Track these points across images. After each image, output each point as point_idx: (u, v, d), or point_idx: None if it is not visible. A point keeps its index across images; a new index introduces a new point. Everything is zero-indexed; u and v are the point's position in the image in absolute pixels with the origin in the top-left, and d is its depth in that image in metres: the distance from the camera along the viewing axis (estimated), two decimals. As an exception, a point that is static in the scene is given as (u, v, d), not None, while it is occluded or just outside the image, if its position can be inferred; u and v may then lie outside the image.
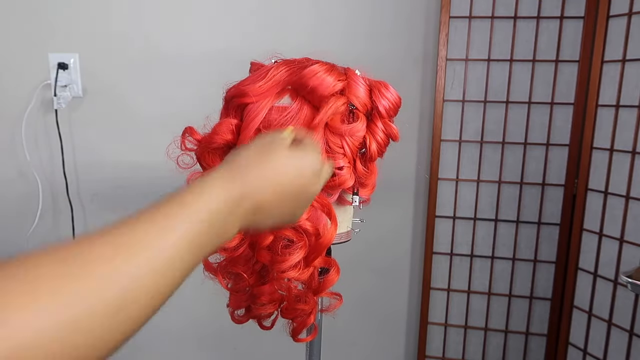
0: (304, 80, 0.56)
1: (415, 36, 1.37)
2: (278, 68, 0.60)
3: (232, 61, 1.33)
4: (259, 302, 0.62)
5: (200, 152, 0.62)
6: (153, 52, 1.41)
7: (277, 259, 0.57)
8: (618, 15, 1.17)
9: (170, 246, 0.31)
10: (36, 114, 1.45)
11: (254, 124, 0.58)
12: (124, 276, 0.28)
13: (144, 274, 0.29)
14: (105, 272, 0.28)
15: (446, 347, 1.49)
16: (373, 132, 0.60)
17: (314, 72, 0.56)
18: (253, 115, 0.59)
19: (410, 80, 1.40)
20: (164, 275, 0.30)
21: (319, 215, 0.59)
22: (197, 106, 0.83)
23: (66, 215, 1.49)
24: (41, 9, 1.41)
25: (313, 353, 0.75)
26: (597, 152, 1.25)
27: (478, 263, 1.42)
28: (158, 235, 0.31)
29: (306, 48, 0.97)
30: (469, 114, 1.34)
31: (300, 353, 0.80)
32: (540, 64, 1.28)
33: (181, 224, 0.32)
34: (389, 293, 1.55)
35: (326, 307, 0.69)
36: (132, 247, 0.30)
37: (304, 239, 0.57)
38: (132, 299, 0.28)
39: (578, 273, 1.32)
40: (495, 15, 1.27)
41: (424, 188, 1.45)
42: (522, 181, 1.34)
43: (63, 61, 1.41)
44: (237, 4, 1.38)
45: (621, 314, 1.23)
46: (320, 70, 0.56)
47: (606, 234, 1.24)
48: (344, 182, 0.59)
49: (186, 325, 1.61)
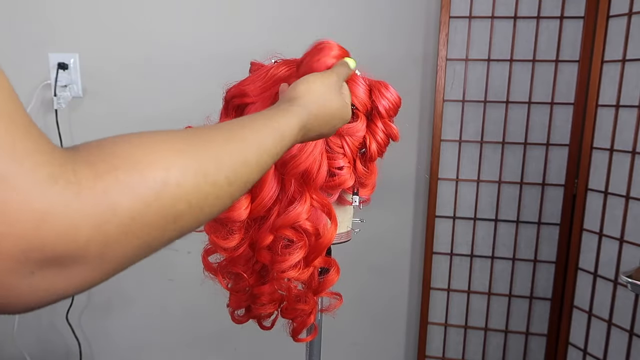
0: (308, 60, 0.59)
1: (415, 36, 1.37)
2: (278, 68, 0.60)
3: (232, 61, 1.32)
4: (259, 302, 0.62)
5: None
6: (153, 52, 1.41)
7: (277, 258, 0.57)
8: (618, 15, 1.17)
9: (262, 144, 0.40)
10: (36, 114, 1.45)
11: None
12: (233, 159, 0.36)
13: (244, 159, 0.37)
14: (219, 153, 0.35)
15: (446, 347, 1.49)
16: (373, 132, 0.60)
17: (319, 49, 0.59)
18: None
19: (410, 80, 1.40)
20: (256, 163, 0.38)
21: (319, 215, 0.59)
22: (197, 106, 0.83)
23: (66, 215, 1.49)
24: (41, 9, 1.41)
25: (313, 353, 0.75)
26: (597, 152, 1.25)
27: (478, 263, 1.42)
28: (256, 136, 0.40)
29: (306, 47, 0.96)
30: (469, 114, 1.34)
31: (300, 353, 0.80)
32: (540, 64, 1.28)
33: (271, 132, 0.42)
34: (389, 293, 1.55)
35: (326, 307, 0.69)
36: (242, 140, 0.38)
37: (304, 239, 0.57)
38: (234, 178, 0.35)
39: (578, 273, 1.32)
40: (495, 15, 1.27)
41: (424, 188, 1.45)
42: (522, 181, 1.34)
43: (63, 61, 1.41)
44: (237, 4, 1.38)
45: (621, 314, 1.23)
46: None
47: (606, 234, 1.24)
48: (344, 182, 0.59)
49: (186, 325, 1.61)
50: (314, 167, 0.56)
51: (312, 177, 0.56)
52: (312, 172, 0.56)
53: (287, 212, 0.55)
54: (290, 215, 0.54)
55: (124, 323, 1.62)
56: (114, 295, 1.59)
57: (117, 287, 1.59)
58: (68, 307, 1.55)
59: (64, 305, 1.55)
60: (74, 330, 1.58)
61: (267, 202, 0.56)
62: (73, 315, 1.59)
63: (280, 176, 0.57)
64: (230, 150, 0.36)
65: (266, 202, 0.56)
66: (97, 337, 1.63)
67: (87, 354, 1.63)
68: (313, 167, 0.56)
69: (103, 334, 1.63)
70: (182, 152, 0.32)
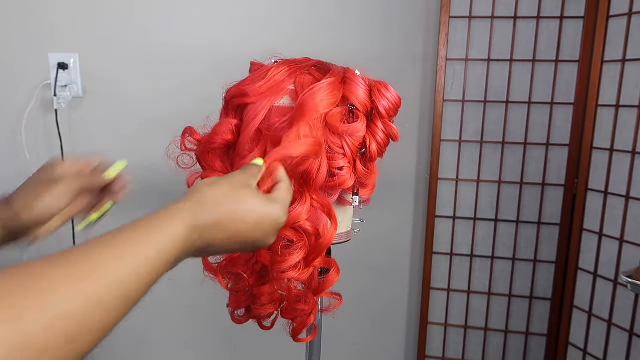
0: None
1: (415, 36, 1.37)
2: (278, 68, 0.60)
3: (232, 61, 1.33)
4: (259, 302, 0.62)
5: (200, 152, 0.62)
6: (153, 52, 1.41)
7: (277, 259, 0.57)
8: (618, 15, 1.17)
9: (125, 273, 0.33)
10: (36, 114, 1.45)
11: (254, 124, 0.58)
12: (73, 307, 0.29)
13: (95, 303, 0.30)
14: (49, 305, 0.28)
15: (446, 347, 1.49)
16: (373, 132, 0.60)
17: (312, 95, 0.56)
18: (253, 116, 0.59)
19: (410, 80, 1.40)
20: (111, 303, 0.32)
21: (319, 216, 0.58)
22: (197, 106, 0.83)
23: (66, 215, 1.49)
24: (41, 9, 1.41)
25: (313, 353, 0.75)
26: (597, 152, 1.25)
27: (478, 263, 1.42)
28: (114, 262, 0.32)
29: (306, 48, 0.97)
30: (469, 114, 1.34)
31: (300, 353, 0.80)
32: (540, 64, 1.28)
33: (140, 253, 0.34)
34: (389, 293, 1.55)
35: (326, 307, 0.68)
36: (85, 277, 0.30)
37: (304, 239, 0.57)
38: (76, 333, 0.29)
39: (578, 273, 1.32)
40: (495, 15, 1.27)
41: (424, 188, 1.45)
42: (522, 181, 1.34)
43: (63, 61, 1.41)
44: (237, 4, 1.38)
45: (621, 314, 1.23)
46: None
47: (606, 234, 1.24)
48: (344, 183, 0.59)
49: (186, 325, 1.61)
50: (314, 167, 0.56)
51: (312, 177, 0.56)
52: (312, 172, 0.56)
53: (288, 212, 0.55)
54: (290, 215, 0.54)
55: (124, 323, 1.61)
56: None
57: (117, 287, 1.58)
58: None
59: (64, 305, 1.55)
60: (74, 330, 1.58)
61: None
62: (73, 315, 1.59)
63: None
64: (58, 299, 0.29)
65: None
66: (97, 337, 1.63)
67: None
68: (313, 168, 0.56)
69: (103, 334, 1.63)
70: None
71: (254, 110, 0.59)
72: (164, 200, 0.40)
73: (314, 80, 0.58)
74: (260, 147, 0.58)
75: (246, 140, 0.59)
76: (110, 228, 0.36)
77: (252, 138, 0.58)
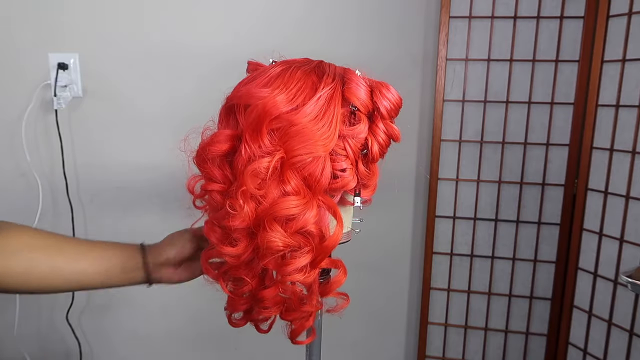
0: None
1: (415, 36, 1.37)
2: (275, 68, 0.59)
3: (232, 61, 1.32)
4: (262, 306, 0.61)
5: (197, 163, 0.61)
6: (153, 52, 1.41)
7: (283, 262, 0.56)
8: (618, 15, 1.17)
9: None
10: (36, 114, 1.45)
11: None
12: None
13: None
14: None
15: (446, 347, 1.49)
16: (374, 133, 0.60)
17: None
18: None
19: (410, 81, 1.40)
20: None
21: (324, 217, 0.58)
22: (197, 106, 0.82)
23: (66, 215, 1.49)
24: (41, 9, 1.41)
25: (313, 353, 0.75)
26: (597, 152, 1.25)
27: (478, 263, 1.42)
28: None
29: (306, 47, 0.96)
30: (469, 114, 1.34)
31: (300, 353, 0.80)
32: (540, 64, 1.28)
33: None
34: (389, 293, 1.55)
35: (332, 307, 0.68)
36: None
37: (311, 243, 0.56)
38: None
39: (578, 273, 1.32)
40: (495, 15, 1.27)
41: (424, 188, 1.46)
42: (522, 181, 1.34)
43: (63, 61, 1.41)
44: (237, 4, 1.38)
45: (621, 313, 1.23)
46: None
47: (606, 233, 1.24)
48: (347, 184, 0.59)
49: (186, 326, 1.61)
50: (317, 170, 0.55)
51: (315, 180, 0.55)
52: (316, 175, 0.55)
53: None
54: (298, 221, 0.54)
55: (124, 323, 1.62)
56: (114, 296, 1.59)
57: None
58: (68, 307, 1.55)
59: (64, 305, 1.55)
60: (74, 330, 1.58)
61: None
62: (73, 315, 1.59)
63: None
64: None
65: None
66: (97, 337, 1.63)
67: (87, 354, 1.63)
68: (316, 170, 0.55)
69: (103, 334, 1.63)
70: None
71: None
72: (164, 200, 0.40)
73: (312, 85, 0.57)
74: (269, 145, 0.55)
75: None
76: (110, 227, 0.36)
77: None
